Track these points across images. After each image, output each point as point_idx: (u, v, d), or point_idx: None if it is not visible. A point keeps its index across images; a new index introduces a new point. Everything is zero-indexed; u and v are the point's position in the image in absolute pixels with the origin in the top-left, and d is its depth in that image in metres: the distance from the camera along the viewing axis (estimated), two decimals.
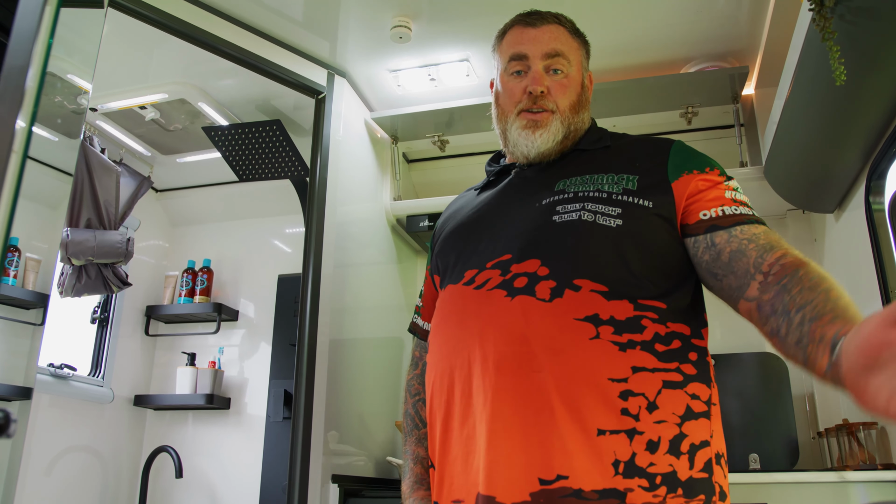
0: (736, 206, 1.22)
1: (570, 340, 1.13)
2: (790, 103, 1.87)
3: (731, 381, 2.43)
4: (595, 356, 1.12)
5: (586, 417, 1.08)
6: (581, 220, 1.21)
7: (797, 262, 1.10)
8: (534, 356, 1.12)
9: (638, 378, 1.11)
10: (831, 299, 1.03)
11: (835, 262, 2.33)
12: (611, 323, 1.13)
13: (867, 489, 1.73)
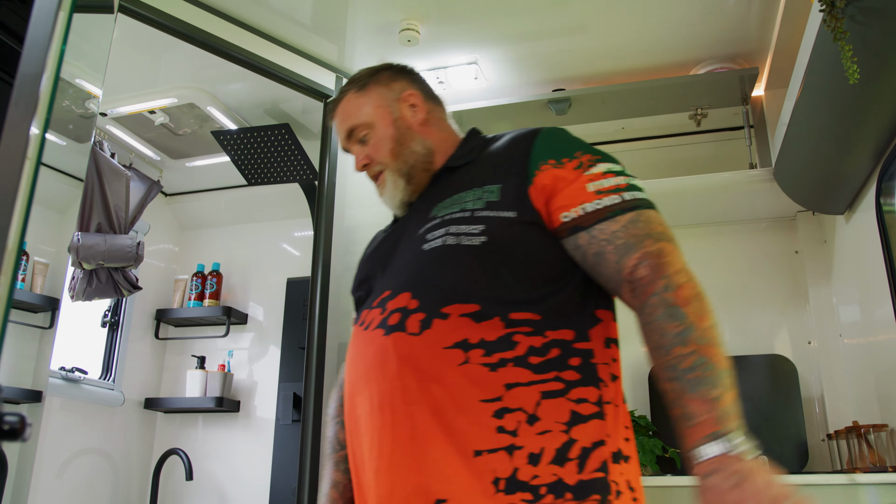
0: (598, 200, 1.17)
1: (440, 370, 1.13)
2: (800, 104, 1.86)
3: (740, 383, 2.41)
4: (465, 381, 1.12)
5: (462, 441, 1.08)
6: (445, 245, 1.20)
7: (649, 284, 1.10)
8: (408, 391, 1.13)
9: (514, 395, 1.10)
10: (679, 370, 1.06)
11: (845, 264, 2.32)
12: (480, 346, 1.13)
13: (877, 491, 1.72)
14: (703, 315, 1.09)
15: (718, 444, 1.02)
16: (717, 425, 1.03)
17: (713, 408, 1.05)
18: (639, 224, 1.15)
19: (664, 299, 1.09)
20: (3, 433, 0.63)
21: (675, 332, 1.07)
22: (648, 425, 2.32)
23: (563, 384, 1.12)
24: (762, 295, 2.60)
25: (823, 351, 2.41)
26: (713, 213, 2.65)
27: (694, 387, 1.06)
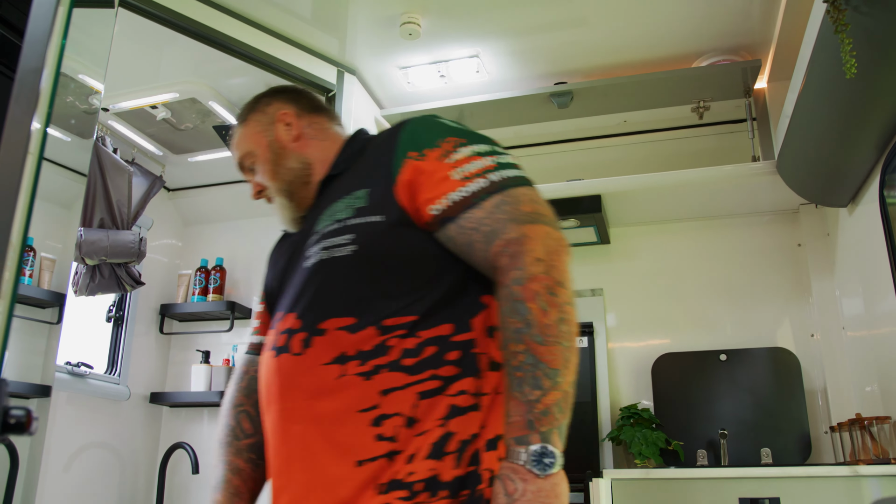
0: (464, 186, 1.13)
1: (320, 386, 1.13)
2: (803, 97, 1.85)
3: (743, 377, 2.42)
4: (344, 393, 1.12)
5: (346, 453, 1.09)
6: (320, 260, 1.20)
7: (505, 274, 1.07)
8: (296, 410, 1.15)
9: (390, 399, 1.10)
10: (510, 367, 1.04)
11: (848, 257, 2.31)
12: (357, 356, 1.13)
13: (880, 483, 1.72)
14: (547, 311, 1.05)
15: (519, 450, 1.01)
16: (524, 430, 1.02)
17: (527, 410, 1.03)
18: (504, 207, 1.11)
19: (511, 292, 1.06)
20: (10, 427, 0.64)
21: (513, 329, 1.05)
22: (652, 418, 2.32)
23: (441, 381, 1.10)
24: (765, 288, 2.60)
25: (826, 344, 2.41)
26: (716, 206, 2.64)
27: (517, 385, 1.04)
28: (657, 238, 2.78)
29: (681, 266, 2.72)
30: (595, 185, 2.46)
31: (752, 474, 1.80)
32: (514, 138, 2.78)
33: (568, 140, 2.77)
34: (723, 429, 2.28)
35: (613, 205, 2.58)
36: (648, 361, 2.57)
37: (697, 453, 2.36)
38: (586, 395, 2.52)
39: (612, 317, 2.74)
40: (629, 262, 2.79)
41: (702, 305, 2.65)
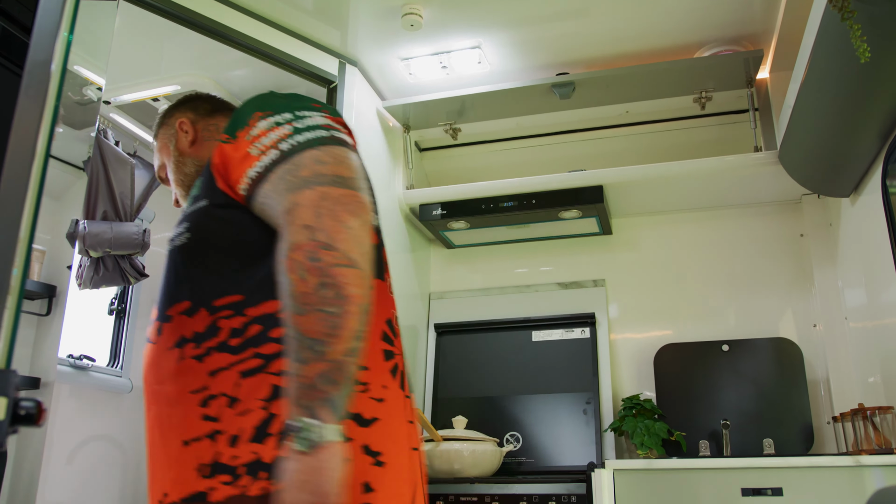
0: (258, 161, 1.11)
1: (166, 371, 1.15)
2: (806, 86, 1.85)
3: (746, 367, 2.43)
4: (180, 376, 1.13)
5: (177, 435, 1.11)
6: (168, 251, 1.21)
7: (283, 254, 1.03)
8: (150, 395, 1.18)
9: (217, 380, 1.10)
10: (289, 350, 1.01)
11: (850, 247, 2.31)
12: (193, 339, 1.13)
13: (883, 473, 1.73)
14: (306, 279, 1.00)
15: (290, 428, 0.97)
16: (292, 407, 0.98)
17: (294, 386, 0.99)
18: (286, 177, 1.08)
19: (279, 264, 1.03)
20: (21, 418, 0.64)
21: (283, 304, 1.02)
22: (654, 409, 2.33)
23: (262, 360, 1.09)
24: (767, 278, 2.60)
25: (829, 334, 2.42)
26: (718, 196, 2.64)
27: (289, 361, 1.00)
28: (659, 228, 2.78)
29: (683, 256, 2.73)
30: (597, 175, 2.46)
31: (755, 464, 1.81)
32: (516, 129, 2.77)
33: (570, 131, 2.76)
34: (725, 419, 2.28)
35: (615, 195, 2.58)
36: (650, 352, 2.57)
37: (700, 444, 2.37)
38: (588, 386, 2.52)
39: (614, 307, 2.74)
40: (631, 252, 2.79)
41: (704, 296, 2.65)
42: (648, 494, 1.84)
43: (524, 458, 2.47)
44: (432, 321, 2.87)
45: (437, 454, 2.17)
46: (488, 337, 2.74)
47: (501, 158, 2.87)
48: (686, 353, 2.51)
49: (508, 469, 2.45)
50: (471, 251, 2.99)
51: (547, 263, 2.89)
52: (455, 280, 2.98)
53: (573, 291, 2.79)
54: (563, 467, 2.40)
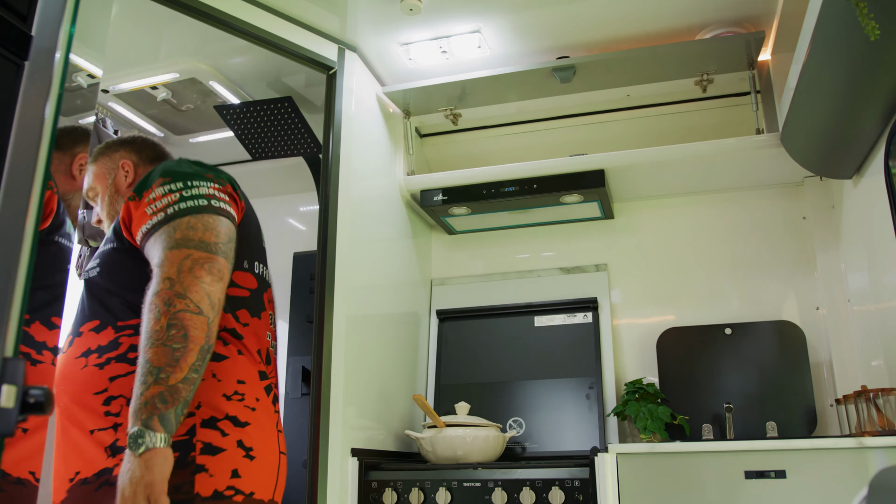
0: (150, 220, 1.43)
1: (70, 374, 1.46)
2: (807, 68, 1.84)
3: (748, 350, 2.43)
4: (84, 380, 1.44)
5: (83, 425, 1.41)
6: (84, 280, 1.55)
7: (149, 297, 1.35)
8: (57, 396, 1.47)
9: (116, 384, 1.41)
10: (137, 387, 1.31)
11: (853, 229, 2.31)
12: (97, 350, 1.45)
13: (886, 455, 1.73)
14: (159, 319, 1.31)
15: (129, 436, 1.26)
16: (130, 419, 1.27)
17: (134, 403, 1.28)
18: (163, 236, 1.40)
19: (144, 304, 1.35)
20: (30, 406, 0.64)
21: (140, 336, 1.33)
22: (657, 393, 2.33)
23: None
24: (770, 261, 2.60)
25: (832, 317, 2.42)
26: (720, 179, 2.64)
27: (135, 386, 1.30)
28: (661, 212, 2.78)
29: (685, 240, 2.72)
30: (598, 159, 2.45)
31: (758, 447, 1.81)
32: (517, 114, 2.76)
33: (571, 115, 2.75)
34: (728, 402, 2.29)
35: (617, 179, 2.57)
36: (653, 336, 2.58)
37: (703, 427, 2.37)
38: (591, 371, 2.53)
39: (616, 292, 2.74)
40: (633, 236, 2.79)
41: (706, 279, 2.65)
42: (652, 478, 1.85)
43: (527, 443, 2.48)
44: (434, 307, 2.87)
45: (440, 440, 2.18)
46: (490, 323, 2.74)
47: (502, 143, 2.86)
48: (689, 336, 2.51)
49: (512, 454, 2.46)
50: (472, 237, 2.98)
51: (549, 248, 2.89)
52: (457, 266, 2.98)
53: (575, 276, 2.79)
54: (566, 452, 2.41)
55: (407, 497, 1.98)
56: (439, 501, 1.95)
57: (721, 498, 1.79)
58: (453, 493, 1.95)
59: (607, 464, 1.85)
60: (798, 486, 1.75)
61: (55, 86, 0.76)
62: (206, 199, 1.45)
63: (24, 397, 0.65)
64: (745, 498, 1.77)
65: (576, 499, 1.86)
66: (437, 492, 1.96)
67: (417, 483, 1.99)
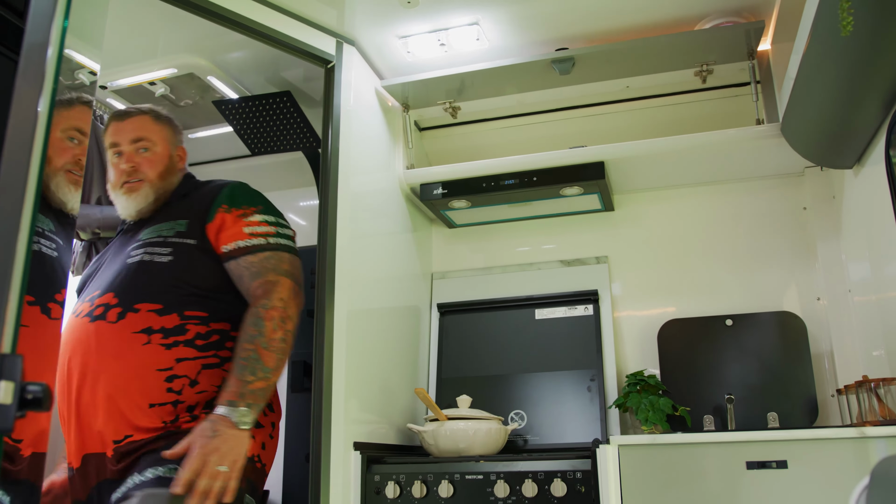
0: (248, 240, 1.80)
1: (126, 347, 1.67)
2: (807, 57, 1.83)
3: (749, 341, 2.43)
4: (146, 356, 1.68)
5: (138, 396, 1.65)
6: (141, 260, 1.76)
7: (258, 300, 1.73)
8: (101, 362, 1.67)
9: (182, 366, 1.69)
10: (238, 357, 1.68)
11: (854, 219, 2.30)
12: (160, 331, 1.70)
13: (887, 444, 1.73)
14: (276, 330, 1.69)
15: (226, 408, 1.60)
16: (234, 397, 1.61)
17: (240, 386, 1.62)
18: (271, 260, 1.78)
19: (257, 311, 1.71)
20: (28, 403, 0.64)
21: (250, 334, 1.68)
22: (658, 384, 2.33)
23: (219, 360, 1.74)
24: (770, 252, 2.60)
25: (833, 307, 2.41)
26: (720, 170, 2.63)
27: (239, 370, 1.64)
28: (662, 204, 2.77)
29: (685, 232, 2.72)
30: (598, 151, 2.45)
31: (759, 438, 1.81)
32: (516, 107, 2.75)
33: (570, 107, 2.74)
34: (729, 394, 2.29)
35: (617, 171, 2.57)
36: (654, 328, 2.58)
37: (704, 419, 2.37)
38: (592, 363, 2.53)
39: (617, 284, 2.74)
40: (634, 228, 2.79)
41: (707, 271, 2.65)
42: (653, 469, 1.85)
43: (529, 435, 2.48)
44: (435, 301, 2.87)
45: (443, 433, 2.18)
46: (491, 316, 2.74)
47: (502, 136, 2.86)
48: (689, 328, 2.51)
49: (513, 447, 2.46)
50: (472, 230, 2.98)
51: (549, 241, 2.88)
52: (457, 259, 2.98)
53: (576, 269, 2.79)
54: (568, 444, 2.41)
55: (410, 490, 1.98)
56: (442, 494, 1.95)
57: (723, 488, 1.79)
58: (456, 485, 1.96)
59: (609, 455, 1.86)
60: (800, 476, 1.75)
61: (48, 81, 0.76)
62: (292, 241, 1.87)
63: (22, 393, 0.64)
64: (746, 488, 1.77)
65: (578, 490, 1.86)
66: (440, 485, 1.96)
67: (420, 476, 1.99)
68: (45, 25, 0.78)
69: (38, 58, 0.76)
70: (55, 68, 0.78)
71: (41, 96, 0.75)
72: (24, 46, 0.76)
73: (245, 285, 1.78)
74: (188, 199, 1.90)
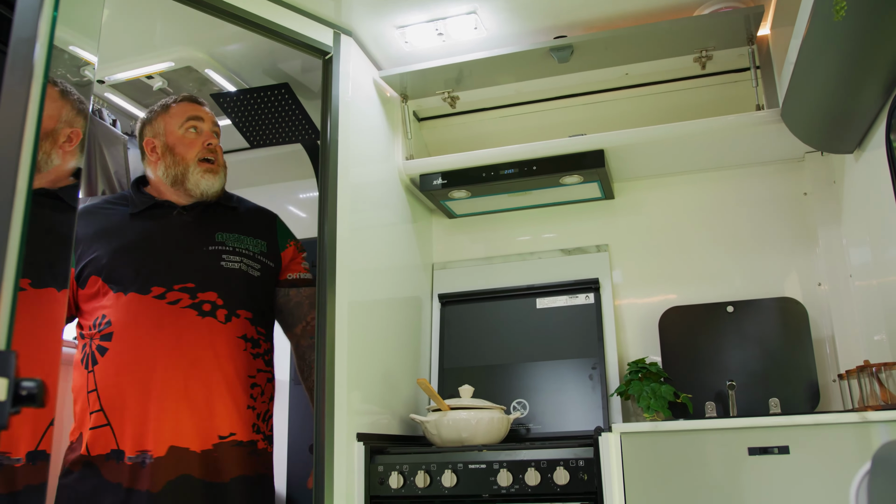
0: (305, 273, 2.17)
1: (233, 351, 1.91)
2: (807, 42, 1.82)
3: (751, 328, 2.43)
4: (244, 361, 1.94)
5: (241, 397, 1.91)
6: (241, 269, 1.99)
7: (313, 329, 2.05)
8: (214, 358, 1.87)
9: (259, 377, 2.00)
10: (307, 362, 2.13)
11: (854, 204, 2.30)
12: (250, 340, 1.98)
13: (888, 429, 1.73)
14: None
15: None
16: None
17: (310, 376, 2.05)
18: (312, 296, 2.11)
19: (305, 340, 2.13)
20: (22, 399, 0.64)
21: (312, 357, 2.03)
22: (660, 372, 2.33)
23: (272, 374, 2.09)
24: (771, 238, 2.59)
25: (834, 293, 2.41)
26: (720, 157, 2.62)
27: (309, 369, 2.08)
28: (662, 191, 2.77)
29: (686, 219, 2.71)
30: (598, 139, 2.44)
31: (761, 424, 1.82)
32: (514, 95, 2.74)
33: (569, 95, 2.73)
34: (731, 380, 2.29)
35: (617, 159, 2.56)
36: (655, 315, 2.58)
37: (706, 405, 2.38)
38: (594, 351, 2.53)
39: (617, 272, 2.74)
40: (634, 216, 2.78)
41: (708, 258, 2.65)
42: (656, 456, 1.86)
43: (531, 424, 2.49)
44: (436, 291, 2.87)
45: (445, 423, 2.19)
46: (492, 305, 2.74)
47: (501, 126, 2.85)
48: (691, 315, 2.51)
49: (516, 436, 2.47)
50: (472, 220, 2.98)
51: (549, 230, 2.88)
52: (457, 250, 2.98)
53: (576, 257, 2.79)
54: (570, 433, 2.42)
55: (413, 480, 1.99)
56: (445, 484, 1.96)
57: (725, 475, 1.79)
58: (459, 474, 1.96)
59: (611, 443, 1.86)
60: (801, 462, 1.75)
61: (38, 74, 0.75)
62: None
63: (16, 389, 0.64)
64: (748, 474, 1.77)
65: (580, 478, 1.87)
66: (443, 474, 1.97)
67: (423, 466, 2.00)
68: (32, 16, 0.77)
69: (26, 50, 0.75)
70: (45, 60, 0.78)
71: (31, 88, 0.75)
72: (12, 38, 0.75)
73: (302, 312, 2.12)
74: (248, 214, 2.18)
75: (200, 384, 1.81)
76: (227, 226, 2.05)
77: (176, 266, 1.90)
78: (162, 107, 2.13)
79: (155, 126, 2.10)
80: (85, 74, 1.44)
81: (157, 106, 2.16)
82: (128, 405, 1.79)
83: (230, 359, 1.87)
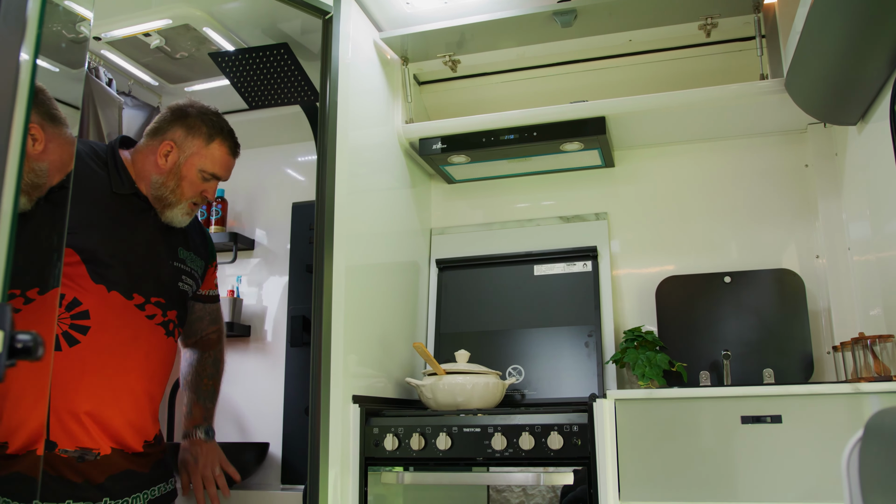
0: (216, 290, 2.31)
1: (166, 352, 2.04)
2: (814, 10, 1.79)
3: (747, 298, 2.43)
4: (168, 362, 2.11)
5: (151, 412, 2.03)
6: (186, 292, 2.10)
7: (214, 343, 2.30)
8: (165, 376, 2.04)
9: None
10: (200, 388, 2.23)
11: (856, 177, 2.29)
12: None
13: (881, 400, 1.75)
14: (223, 368, 2.29)
15: (201, 430, 2.16)
16: (204, 422, 2.18)
17: (206, 411, 2.20)
18: (217, 311, 2.31)
19: (216, 355, 2.29)
20: (18, 352, 0.64)
21: (209, 372, 2.25)
22: (655, 340, 2.34)
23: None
24: (771, 209, 2.59)
25: (832, 265, 2.41)
26: (722, 126, 2.60)
27: (203, 398, 2.21)
28: (662, 160, 2.75)
29: (686, 188, 2.70)
30: (599, 106, 2.42)
31: (754, 393, 1.83)
32: (516, 60, 2.71)
33: (572, 61, 2.70)
34: (726, 350, 2.30)
35: (618, 127, 2.54)
36: (652, 284, 2.58)
37: (700, 374, 2.39)
38: (590, 319, 2.54)
39: (616, 241, 2.73)
40: (634, 185, 2.77)
41: (707, 228, 2.64)
42: (649, 423, 1.87)
43: (527, 390, 2.51)
44: (434, 257, 2.87)
45: (441, 387, 2.20)
46: (490, 272, 2.74)
47: (502, 90, 2.82)
48: (688, 285, 2.52)
49: (511, 401, 2.49)
50: (472, 186, 2.96)
51: (548, 197, 2.87)
52: (456, 215, 2.97)
53: (575, 225, 2.78)
54: (565, 399, 2.43)
55: (408, 442, 2.01)
56: (440, 446, 1.98)
57: (717, 442, 1.81)
58: (453, 438, 1.98)
59: (605, 409, 1.87)
60: (794, 431, 1.77)
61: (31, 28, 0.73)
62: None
63: (11, 342, 0.64)
64: (740, 442, 1.79)
65: (574, 443, 1.88)
66: (438, 437, 1.98)
67: (418, 428, 2.01)
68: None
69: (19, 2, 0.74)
70: (39, 14, 0.76)
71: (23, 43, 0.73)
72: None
73: (202, 326, 2.24)
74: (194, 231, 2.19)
75: (149, 399, 1.97)
76: (184, 241, 2.10)
77: (154, 277, 1.96)
78: (209, 130, 2.05)
79: (188, 142, 2.01)
80: (80, 30, 1.42)
81: (204, 117, 2.06)
82: (81, 407, 1.77)
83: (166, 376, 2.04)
